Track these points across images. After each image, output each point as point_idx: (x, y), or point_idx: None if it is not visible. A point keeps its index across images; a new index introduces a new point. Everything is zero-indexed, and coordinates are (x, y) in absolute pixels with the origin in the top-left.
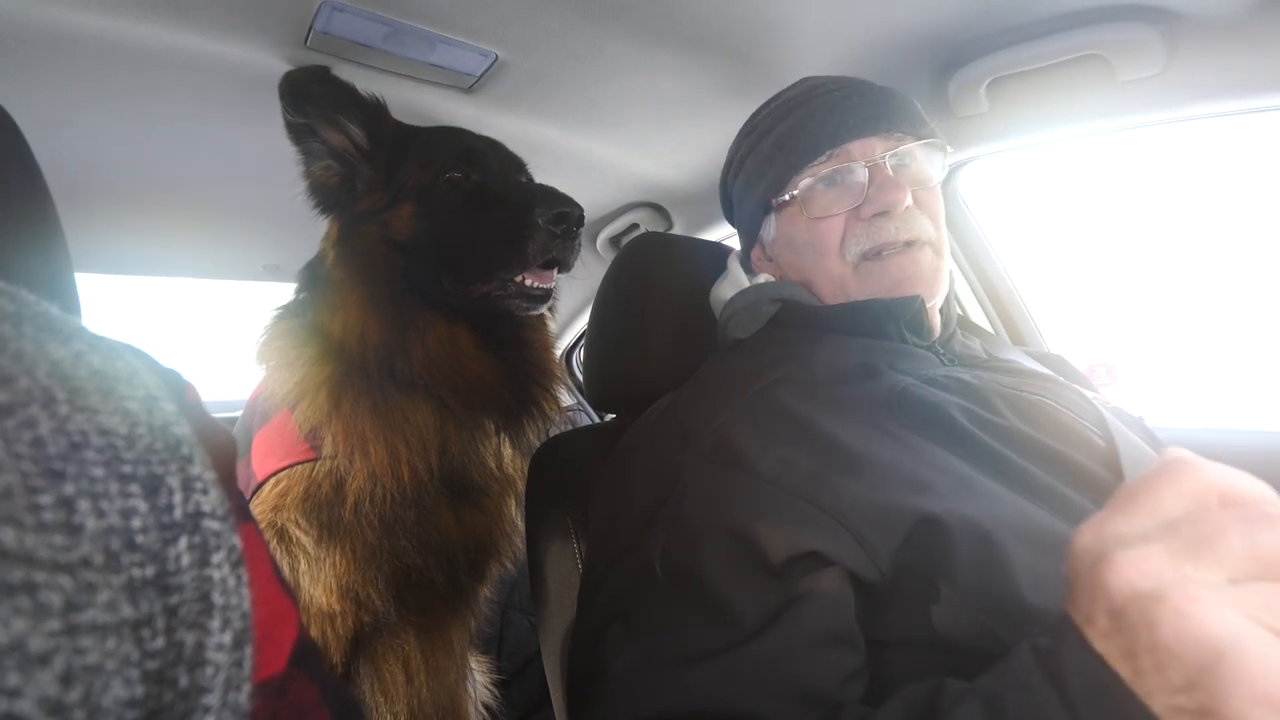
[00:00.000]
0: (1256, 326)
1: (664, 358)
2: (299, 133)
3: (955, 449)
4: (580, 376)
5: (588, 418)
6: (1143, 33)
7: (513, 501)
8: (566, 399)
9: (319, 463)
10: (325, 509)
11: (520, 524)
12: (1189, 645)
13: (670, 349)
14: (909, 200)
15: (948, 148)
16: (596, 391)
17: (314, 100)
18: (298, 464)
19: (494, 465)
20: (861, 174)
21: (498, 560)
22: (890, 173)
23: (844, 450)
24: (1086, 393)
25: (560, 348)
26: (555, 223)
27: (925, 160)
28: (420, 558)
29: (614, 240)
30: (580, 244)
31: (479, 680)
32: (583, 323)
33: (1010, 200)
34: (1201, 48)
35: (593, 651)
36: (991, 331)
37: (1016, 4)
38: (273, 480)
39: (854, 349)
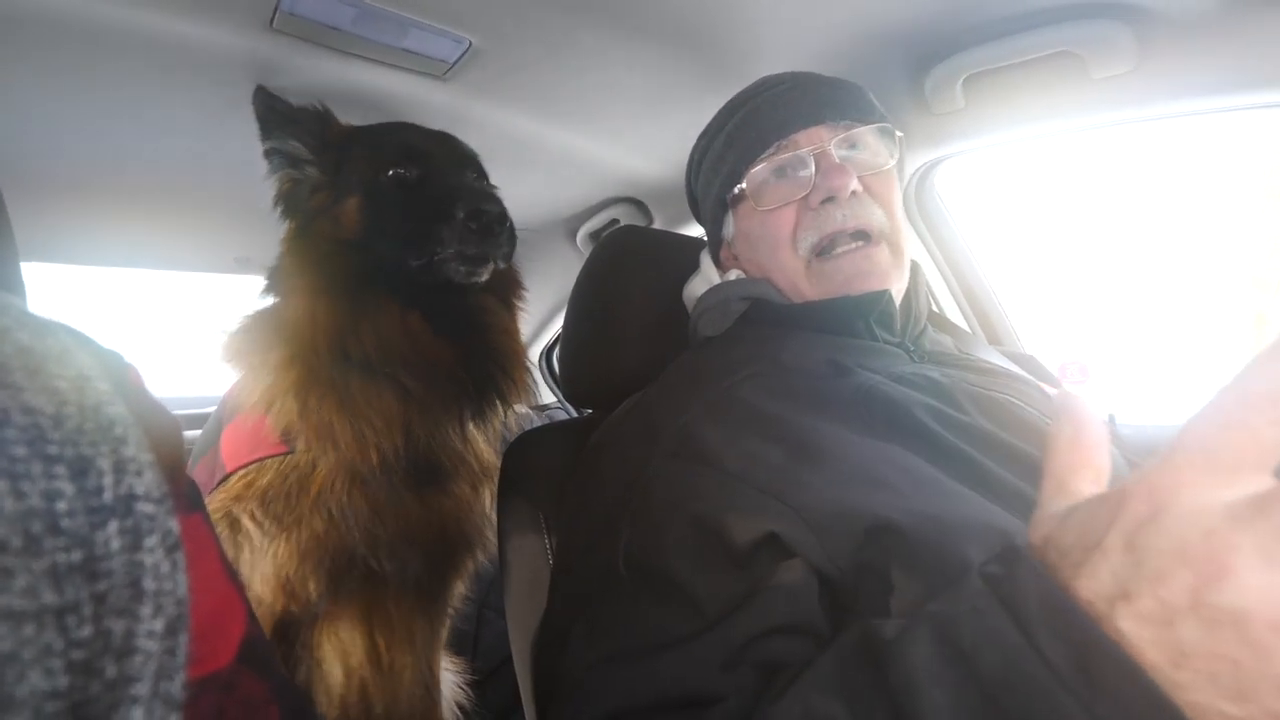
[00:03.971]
0: (1225, 324)
1: (640, 353)
2: (268, 155)
3: (920, 449)
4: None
5: (566, 414)
6: (1115, 30)
7: (487, 494)
8: (547, 395)
9: (289, 457)
10: (282, 501)
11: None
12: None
13: (647, 344)
14: (854, 185)
15: (898, 133)
16: (572, 387)
17: (263, 122)
18: (268, 458)
19: (463, 450)
20: (809, 162)
21: (469, 553)
22: (836, 159)
23: (809, 447)
24: (1050, 390)
25: (540, 345)
26: (472, 219)
27: (875, 146)
28: (367, 550)
29: (594, 235)
30: (510, 240)
31: (452, 680)
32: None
33: (987, 198)
34: (1173, 46)
35: (557, 652)
36: (967, 330)
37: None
38: (241, 472)
39: (823, 346)
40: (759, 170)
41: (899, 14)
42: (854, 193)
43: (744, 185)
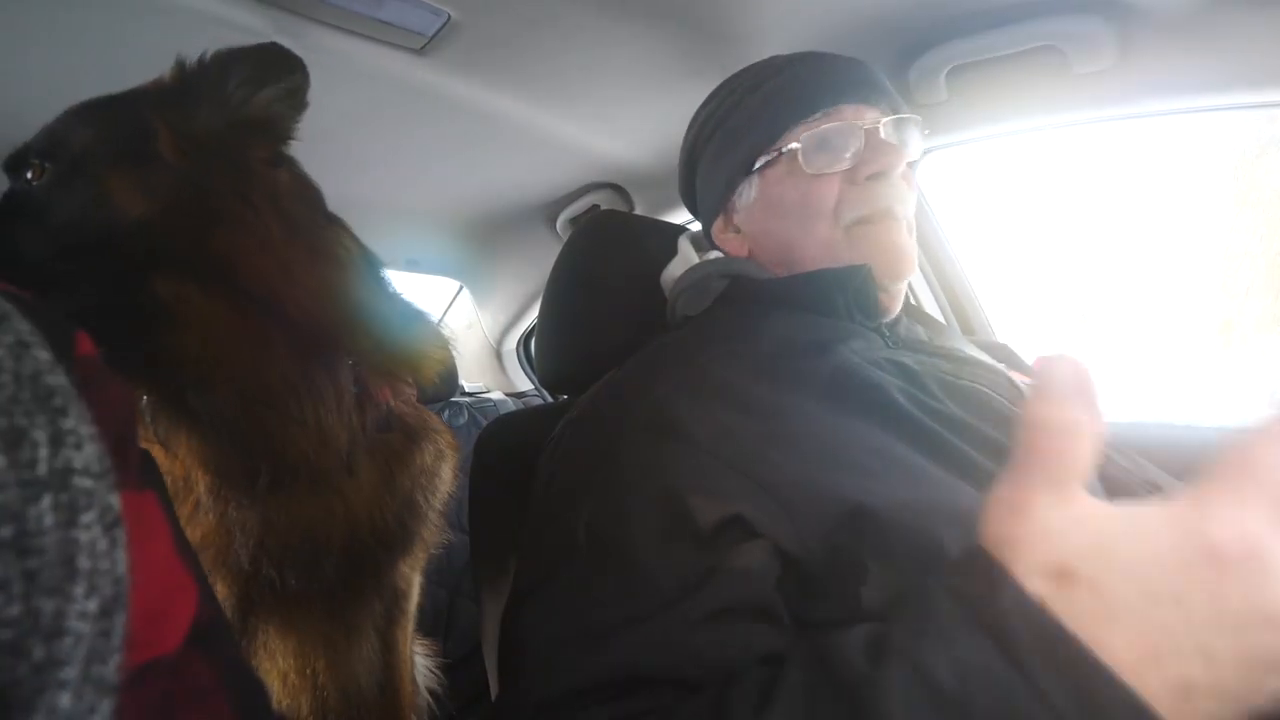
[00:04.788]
0: (1193, 328)
1: (618, 339)
2: None
3: (894, 431)
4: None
5: (543, 401)
6: (1096, 26)
7: (385, 491)
8: (524, 382)
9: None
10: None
11: (428, 511)
12: None
13: (624, 330)
14: (903, 166)
15: (926, 130)
16: (548, 372)
17: None
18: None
19: (341, 442)
20: (859, 135)
21: (391, 551)
22: (884, 137)
23: (783, 426)
24: (1017, 376)
25: (518, 330)
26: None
27: (908, 138)
28: (252, 560)
29: (574, 221)
30: (67, 185)
31: (421, 664)
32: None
33: (965, 193)
34: (1153, 44)
35: (512, 626)
36: (942, 321)
37: None
38: None
39: (801, 325)
40: (816, 132)
41: (884, 2)
42: (901, 174)
43: (795, 145)
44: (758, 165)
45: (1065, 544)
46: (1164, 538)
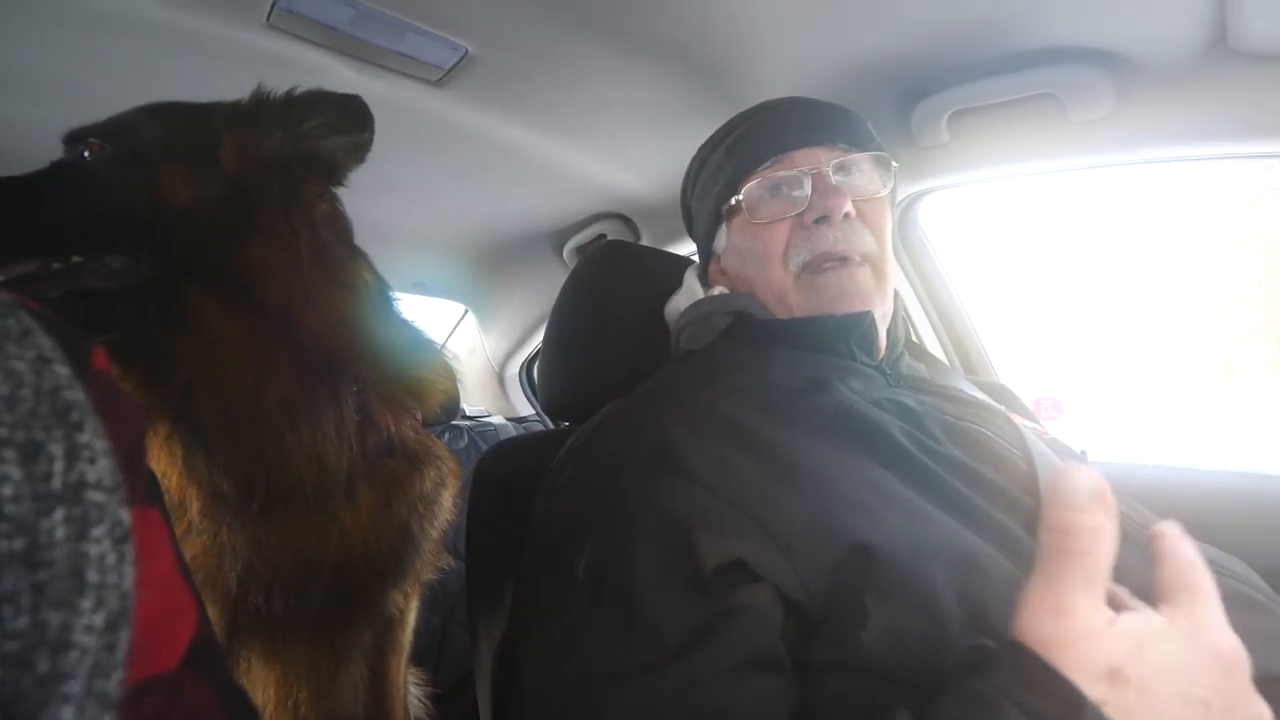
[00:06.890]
0: (1194, 371)
1: (621, 367)
2: None
3: (895, 471)
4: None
5: (544, 427)
6: (1094, 76)
7: (382, 519)
8: (525, 407)
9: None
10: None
11: (423, 541)
12: None
13: (628, 358)
14: (848, 207)
15: (894, 163)
16: (550, 398)
17: None
18: None
19: (341, 468)
20: (805, 181)
21: (383, 580)
22: (832, 180)
23: (786, 464)
24: (1016, 418)
25: (521, 356)
26: None
27: (869, 173)
28: (238, 584)
29: (581, 250)
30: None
31: (412, 693)
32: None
33: (970, 233)
34: (1150, 94)
35: (509, 662)
36: (944, 360)
37: (976, 40)
38: None
39: (805, 363)
40: (755, 184)
41: (889, 48)
42: (846, 215)
43: (740, 197)
44: (723, 214)
45: (1111, 646)
46: (1185, 642)
